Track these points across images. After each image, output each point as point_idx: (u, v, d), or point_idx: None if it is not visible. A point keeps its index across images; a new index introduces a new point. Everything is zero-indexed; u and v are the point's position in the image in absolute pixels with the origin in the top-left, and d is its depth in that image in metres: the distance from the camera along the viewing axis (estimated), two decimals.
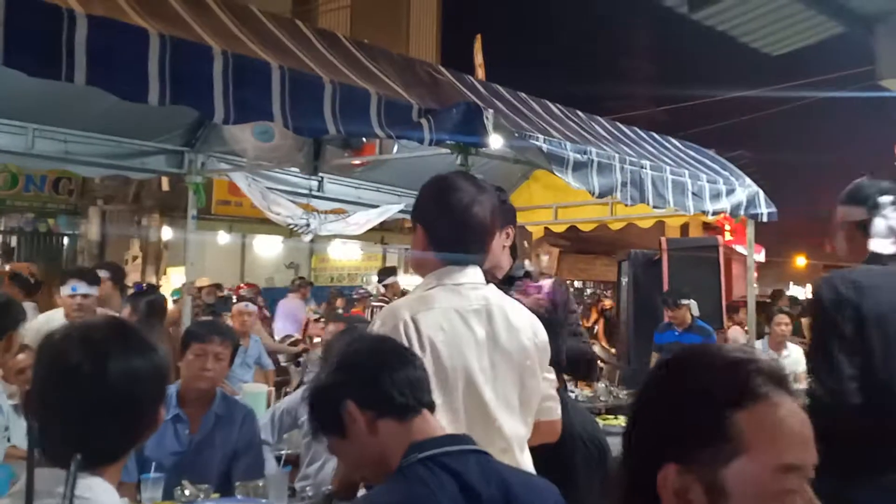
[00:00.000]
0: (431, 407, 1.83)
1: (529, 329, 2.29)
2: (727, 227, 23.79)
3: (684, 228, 23.05)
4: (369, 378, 1.78)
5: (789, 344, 7.47)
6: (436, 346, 2.10)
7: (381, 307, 7.01)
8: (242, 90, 2.96)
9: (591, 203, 6.99)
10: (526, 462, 2.22)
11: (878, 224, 2.81)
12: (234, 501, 2.74)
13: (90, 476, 1.39)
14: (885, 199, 2.83)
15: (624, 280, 9.34)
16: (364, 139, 4.93)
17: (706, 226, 23.65)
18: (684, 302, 7.09)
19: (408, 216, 7.65)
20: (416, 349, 2.05)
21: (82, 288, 4.89)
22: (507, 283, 2.91)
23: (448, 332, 2.13)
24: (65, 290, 4.89)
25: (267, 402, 4.79)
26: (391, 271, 9.17)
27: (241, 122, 3.37)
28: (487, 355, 2.18)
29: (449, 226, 2.22)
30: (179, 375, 3.43)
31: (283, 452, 3.80)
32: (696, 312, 7.07)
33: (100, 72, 2.56)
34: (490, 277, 2.78)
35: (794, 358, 7.31)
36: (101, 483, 1.40)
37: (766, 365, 1.13)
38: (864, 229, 2.84)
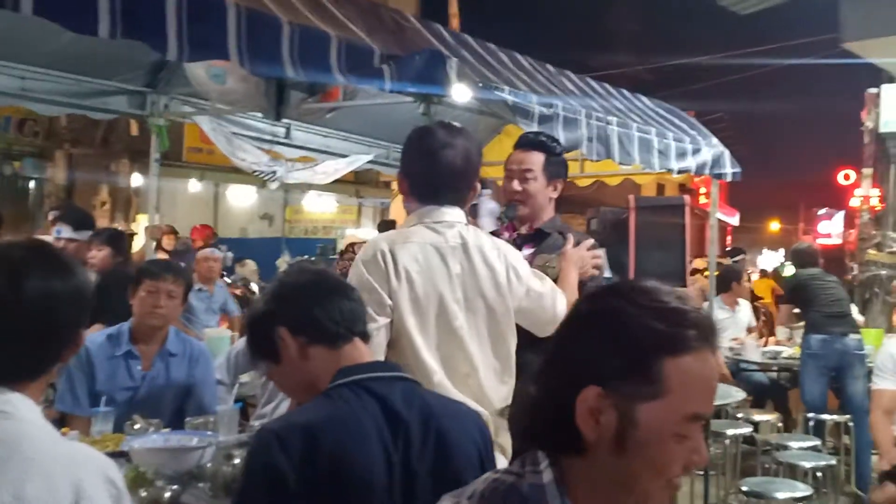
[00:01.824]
0: (364, 337, 1.91)
1: (504, 268, 2.48)
2: (702, 190, 23.99)
3: (660, 189, 23.21)
4: (302, 305, 1.85)
5: (741, 300, 8.05)
6: (410, 275, 2.31)
7: None
8: (197, 27, 2.91)
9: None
10: (491, 388, 2.39)
11: (483, 208, 3.65)
12: (182, 434, 2.77)
13: (9, 392, 1.41)
14: (486, 191, 3.65)
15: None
16: (328, 85, 4.88)
17: (682, 187, 23.80)
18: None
19: (379, 167, 7.65)
20: (392, 277, 2.30)
21: (66, 232, 4.86)
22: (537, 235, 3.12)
23: (422, 264, 2.34)
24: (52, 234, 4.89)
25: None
26: (391, 224, 9.21)
27: (195, 60, 3.34)
28: (461, 288, 2.39)
29: (420, 168, 2.46)
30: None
31: (242, 393, 3.83)
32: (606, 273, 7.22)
33: (47, 2, 2.51)
34: (528, 224, 3.12)
35: (744, 312, 8.04)
36: (21, 398, 1.41)
37: (702, 318, 1.20)
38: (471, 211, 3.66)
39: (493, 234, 2.90)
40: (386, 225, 9.34)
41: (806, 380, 6.37)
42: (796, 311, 6.98)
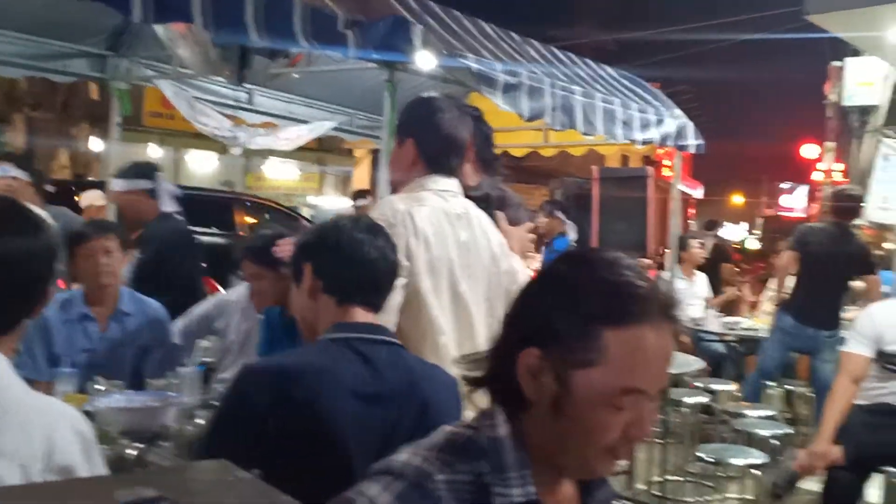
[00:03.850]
0: (376, 308, 1.96)
1: (497, 240, 2.60)
2: (666, 162, 24.12)
3: (624, 160, 23.33)
4: (334, 257, 1.92)
5: (697, 272, 7.93)
6: (427, 237, 2.36)
7: None
8: None
9: (524, 128, 7.00)
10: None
11: (163, 191, 4.29)
12: (145, 394, 2.78)
13: None
14: (161, 174, 4.35)
15: None
16: (291, 51, 4.84)
17: (646, 159, 23.94)
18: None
19: (342, 134, 7.62)
20: (412, 237, 2.33)
21: (11, 170, 4.80)
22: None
23: (436, 228, 2.40)
24: None
25: None
26: (364, 193, 9.18)
27: (160, 23, 3.31)
28: (466, 255, 2.46)
29: (435, 139, 2.50)
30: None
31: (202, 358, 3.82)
32: (572, 236, 7.20)
33: None
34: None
35: (700, 284, 7.95)
36: None
37: (657, 293, 1.19)
38: (151, 194, 4.24)
39: None
40: (360, 194, 9.28)
41: (769, 348, 6.31)
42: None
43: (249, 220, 10.46)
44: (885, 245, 10.30)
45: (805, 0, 6.35)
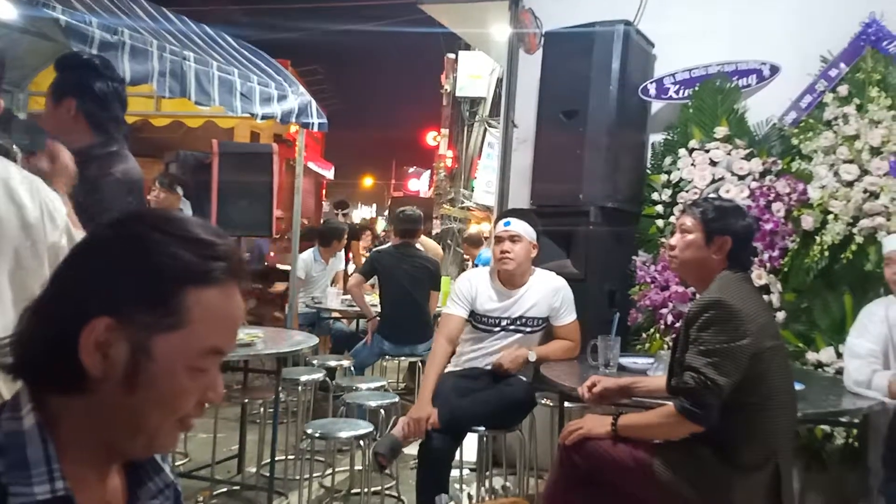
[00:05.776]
0: None
1: (37, 207, 2.08)
2: (298, 143, 24.17)
3: (255, 137, 23.09)
4: None
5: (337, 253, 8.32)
6: None
7: None
8: None
9: (133, 94, 6.49)
10: None
11: None
12: None
13: None
14: None
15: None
16: None
17: (277, 137, 23.87)
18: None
19: None
20: None
21: None
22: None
23: None
24: None
25: None
26: None
27: None
28: None
29: None
30: None
31: None
32: (188, 212, 6.97)
33: None
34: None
35: (337, 263, 8.33)
36: None
37: (231, 252, 1.13)
38: None
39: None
40: None
41: (365, 355, 6.46)
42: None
43: None
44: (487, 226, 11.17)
45: None
